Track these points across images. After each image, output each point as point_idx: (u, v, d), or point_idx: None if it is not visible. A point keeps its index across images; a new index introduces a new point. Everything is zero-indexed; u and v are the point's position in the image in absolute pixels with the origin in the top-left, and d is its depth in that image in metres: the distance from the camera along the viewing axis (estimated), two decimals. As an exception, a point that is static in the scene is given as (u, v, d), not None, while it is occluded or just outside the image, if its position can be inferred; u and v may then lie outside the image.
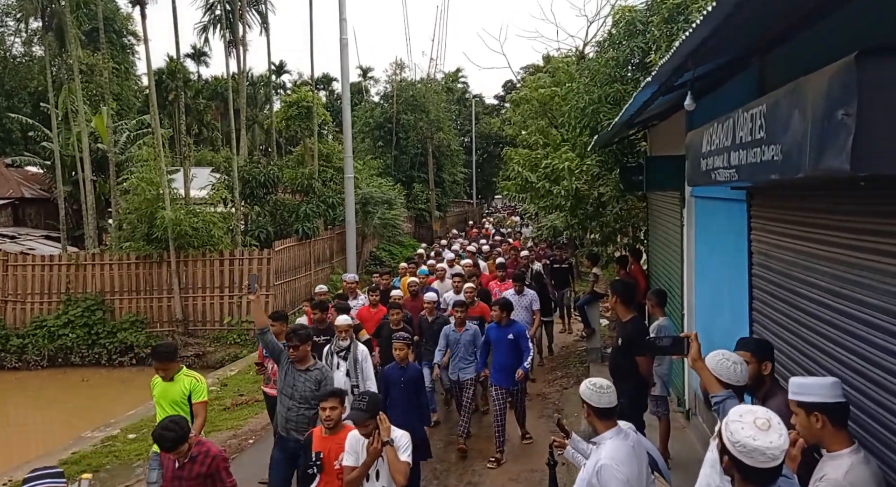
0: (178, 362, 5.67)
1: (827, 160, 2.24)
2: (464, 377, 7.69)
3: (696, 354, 3.31)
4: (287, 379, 5.64)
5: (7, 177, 21.81)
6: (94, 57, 20.15)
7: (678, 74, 4.30)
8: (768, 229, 4.28)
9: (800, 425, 2.59)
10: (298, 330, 5.68)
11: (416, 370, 6.28)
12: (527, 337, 7.26)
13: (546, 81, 15.36)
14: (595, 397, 3.42)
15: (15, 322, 15.65)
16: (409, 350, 6.33)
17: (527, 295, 9.01)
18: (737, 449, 2.19)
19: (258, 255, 16.19)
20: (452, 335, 7.76)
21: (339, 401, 4.62)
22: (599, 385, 3.50)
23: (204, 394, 5.55)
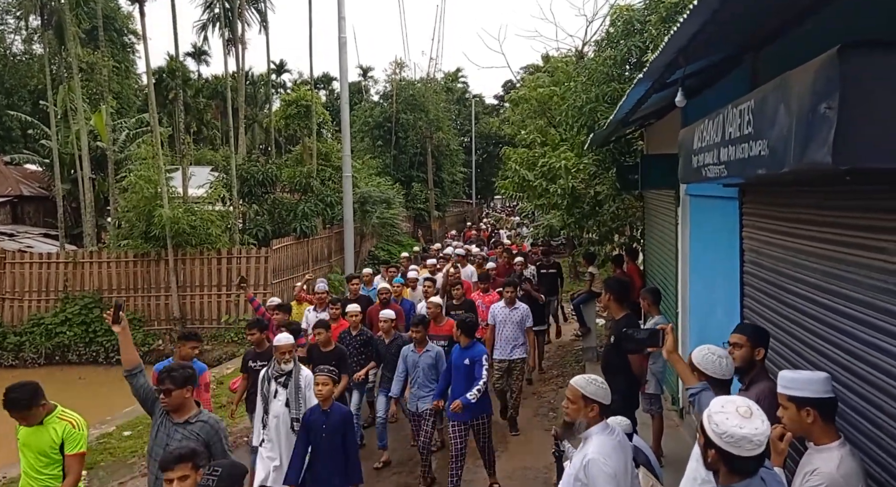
0: (42, 406, 4.27)
1: (810, 154, 2.24)
2: (422, 406, 6.61)
3: (671, 346, 3.33)
4: (159, 436, 4.07)
5: (6, 175, 21.83)
6: (94, 55, 20.15)
7: (671, 71, 4.30)
8: (759, 226, 4.29)
9: (788, 418, 2.61)
10: (174, 370, 4.09)
11: (343, 413, 5.16)
12: (483, 364, 6.17)
13: (545, 81, 15.40)
14: (600, 392, 3.41)
15: (12, 319, 15.65)
16: (335, 386, 5.22)
17: (518, 308, 7.89)
18: (724, 441, 2.20)
19: (256, 254, 16.19)
20: (411, 357, 6.71)
21: (193, 467, 3.34)
22: (599, 380, 3.50)
23: (81, 445, 4.30)
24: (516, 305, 7.94)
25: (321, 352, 6.83)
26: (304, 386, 5.64)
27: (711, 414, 2.27)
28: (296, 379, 5.67)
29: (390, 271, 10.77)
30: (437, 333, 7.44)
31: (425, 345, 6.70)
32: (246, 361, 6.95)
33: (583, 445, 3.48)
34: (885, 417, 2.62)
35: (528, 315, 7.96)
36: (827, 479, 2.43)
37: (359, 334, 7.56)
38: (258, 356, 6.71)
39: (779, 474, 2.62)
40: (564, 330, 13.20)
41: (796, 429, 2.61)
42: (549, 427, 8.19)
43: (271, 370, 5.75)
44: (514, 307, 7.92)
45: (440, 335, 7.42)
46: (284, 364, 5.68)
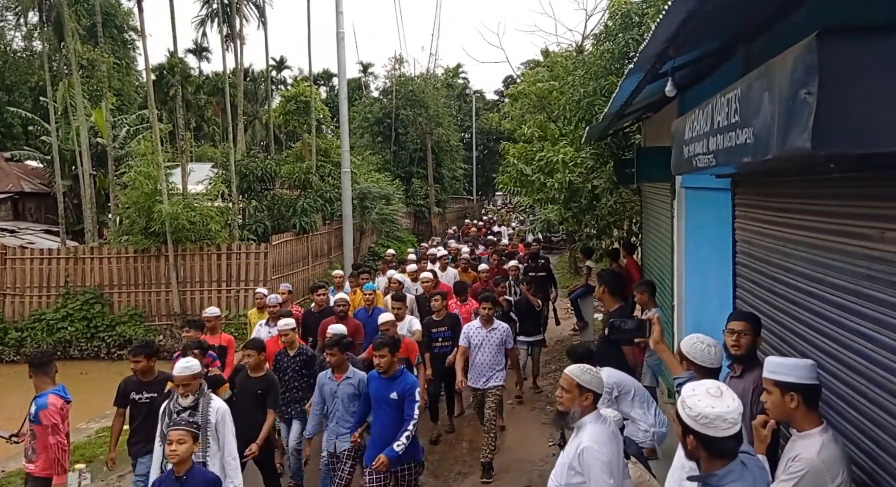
0: None
1: (791, 140, 2.25)
2: (341, 446, 5.54)
3: (657, 337, 3.36)
4: None
5: (7, 172, 21.90)
6: (93, 52, 20.18)
7: (662, 61, 4.31)
8: (750, 217, 4.31)
9: (772, 403, 2.63)
10: None
11: (207, 482, 4.11)
12: (415, 399, 5.11)
13: (544, 76, 15.37)
14: (595, 382, 3.44)
15: (14, 315, 15.71)
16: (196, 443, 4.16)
17: (497, 329, 6.77)
18: (699, 423, 2.23)
19: (255, 250, 16.23)
20: (328, 386, 5.58)
21: None
22: (595, 372, 3.52)
23: None
24: (494, 325, 6.74)
25: (247, 378, 5.84)
26: (216, 421, 4.73)
27: (685, 399, 2.30)
28: (203, 412, 4.70)
29: (362, 278, 9.37)
30: None
31: (345, 371, 5.56)
32: (125, 392, 5.76)
33: (576, 434, 3.50)
34: (868, 404, 2.64)
35: (509, 335, 6.91)
36: (808, 465, 2.45)
37: (297, 354, 6.48)
38: (144, 386, 5.64)
39: (762, 460, 2.64)
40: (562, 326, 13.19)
41: (779, 415, 2.63)
42: (545, 421, 8.23)
43: (172, 403, 4.82)
44: (493, 327, 6.72)
45: None
46: (183, 397, 4.74)
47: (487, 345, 6.80)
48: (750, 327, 3.35)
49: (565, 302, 13.48)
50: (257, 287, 14.22)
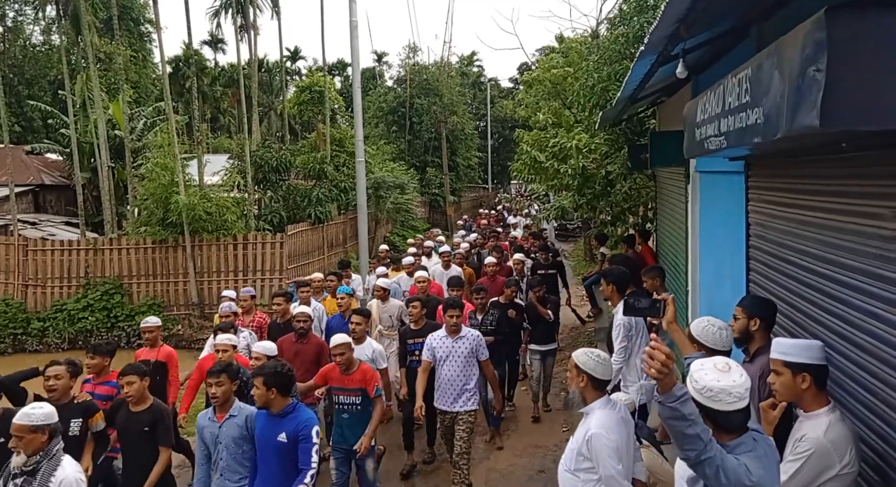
0: None
1: (800, 118, 2.23)
2: None
3: (671, 317, 3.35)
4: None
5: (27, 165, 22.21)
6: (110, 45, 20.38)
7: (673, 43, 4.26)
8: (764, 199, 4.27)
9: (782, 384, 2.62)
10: None
11: None
12: (312, 440, 4.09)
13: (559, 62, 15.25)
14: (598, 368, 3.44)
15: (36, 305, 16.02)
16: None
17: (465, 338, 5.75)
18: (704, 396, 2.23)
19: (271, 239, 16.37)
20: (208, 428, 4.41)
21: None
22: (602, 356, 3.52)
23: None
24: (462, 333, 5.78)
25: (128, 414, 4.69)
26: None
27: (693, 373, 2.30)
28: (43, 480, 3.44)
29: (328, 280, 8.47)
30: (346, 385, 5.24)
31: (228, 408, 4.35)
32: None
33: (585, 419, 3.52)
34: (879, 384, 2.62)
35: (481, 345, 5.82)
36: (814, 444, 2.45)
37: None
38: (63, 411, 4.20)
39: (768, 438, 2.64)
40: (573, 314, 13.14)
41: (789, 395, 2.62)
42: (559, 407, 8.26)
43: (14, 462, 3.55)
44: (460, 336, 5.76)
45: (350, 388, 5.23)
46: (16, 455, 3.50)
47: (455, 358, 5.75)
48: (742, 310, 3.37)
49: (580, 289, 13.45)
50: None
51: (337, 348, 5.23)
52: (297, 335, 6.29)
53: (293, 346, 6.26)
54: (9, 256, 16.14)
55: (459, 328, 5.85)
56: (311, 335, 6.40)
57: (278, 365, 4.20)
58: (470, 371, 5.80)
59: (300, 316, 6.40)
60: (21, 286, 16.08)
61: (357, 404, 5.27)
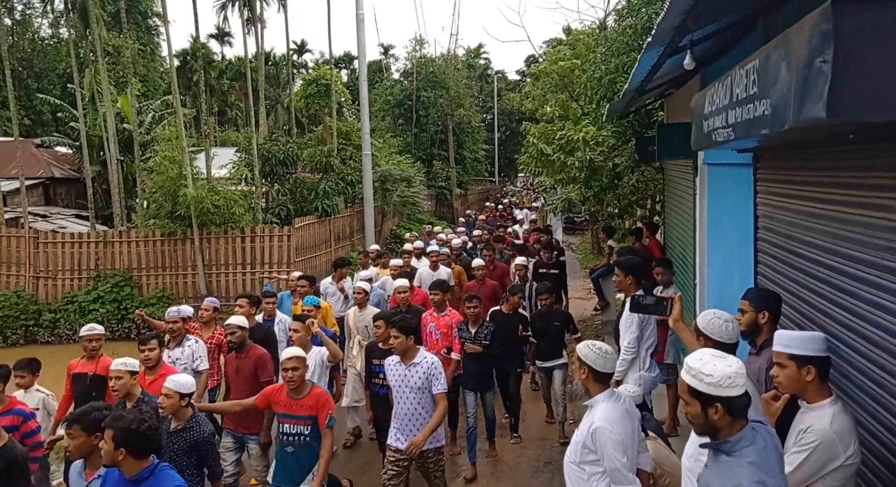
0: None
1: (807, 110, 2.23)
2: None
3: (677, 315, 3.36)
4: None
5: (38, 158, 22.33)
6: (119, 38, 20.44)
7: (681, 35, 4.25)
8: (772, 191, 4.26)
9: (786, 376, 2.63)
10: None
11: None
12: None
13: (566, 54, 15.17)
14: (599, 361, 3.45)
15: (47, 297, 16.17)
16: None
17: (419, 365, 4.82)
18: (724, 386, 2.26)
19: (279, 232, 16.44)
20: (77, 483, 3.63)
21: None
22: (604, 349, 3.53)
23: None
24: (416, 359, 4.83)
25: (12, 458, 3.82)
26: None
27: (699, 370, 2.30)
28: None
29: (298, 283, 7.70)
30: (294, 411, 4.51)
31: (100, 464, 3.44)
32: None
33: (589, 412, 3.54)
34: (885, 375, 2.62)
35: (436, 373, 4.82)
36: (820, 435, 2.46)
37: (137, 403, 4.49)
38: None
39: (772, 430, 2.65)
40: (584, 306, 13.16)
41: (793, 387, 2.63)
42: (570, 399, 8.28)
43: None
44: (413, 362, 4.83)
45: (298, 415, 4.50)
46: None
47: (407, 388, 4.83)
48: (749, 304, 3.36)
49: (587, 282, 13.45)
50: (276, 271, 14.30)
51: (288, 362, 4.43)
52: (229, 348, 5.55)
53: (233, 362, 5.50)
54: (20, 249, 16.28)
55: (414, 351, 4.86)
56: (249, 347, 5.49)
57: (138, 421, 3.21)
58: (429, 402, 4.85)
59: (227, 327, 5.51)
60: (32, 278, 16.23)
61: (305, 435, 4.50)
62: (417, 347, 4.97)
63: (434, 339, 6.54)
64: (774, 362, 2.69)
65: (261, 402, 4.74)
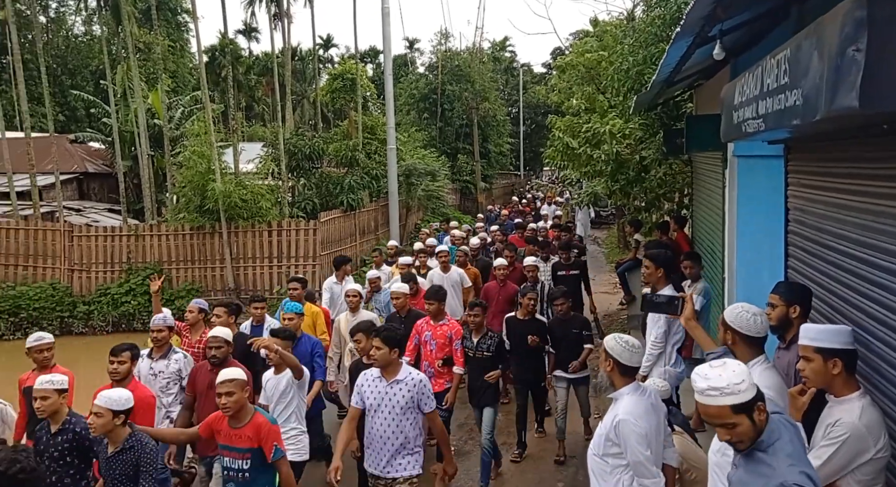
0: None
1: (839, 99, 2.19)
2: None
3: (689, 314, 3.34)
4: None
5: (72, 153, 22.85)
6: (149, 35, 20.79)
7: (711, 24, 4.18)
8: (803, 183, 4.19)
9: (812, 370, 2.61)
10: None
11: None
12: None
13: (593, 46, 15.02)
14: (626, 354, 3.45)
15: (81, 290, 16.58)
16: None
17: (404, 382, 4.28)
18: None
19: (304, 226, 16.62)
20: None
21: None
22: (631, 343, 3.52)
23: None
24: (399, 376, 4.29)
25: None
26: None
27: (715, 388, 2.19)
28: None
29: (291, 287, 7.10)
30: (232, 443, 3.97)
31: None
32: None
33: (613, 405, 3.53)
34: (920, 371, 2.57)
35: (424, 392, 4.31)
36: (850, 428, 2.44)
37: (60, 430, 4.13)
38: None
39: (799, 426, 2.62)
40: (610, 300, 13.07)
41: (820, 381, 2.61)
42: (591, 394, 8.23)
43: None
44: (395, 379, 4.28)
45: (236, 447, 3.96)
46: None
47: (387, 408, 4.29)
48: (780, 298, 3.32)
49: (613, 276, 13.35)
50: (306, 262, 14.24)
51: (222, 386, 3.89)
52: (211, 364, 5.04)
53: (208, 377, 4.95)
54: (55, 242, 16.71)
55: (398, 365, 4.34)
56: (231, 362, 4.94)
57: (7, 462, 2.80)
58: (406, 426, 4.30)
59: (213, 340, 5.08)
60: (67, 271, 16.66)
61: (244, 470, 3.93)
62: (401, 362, 4.43)
63: (429, 350, 6.05)
64: (801, 356, 2.67)
65: (203, 431, 4.16)
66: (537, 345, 6.41)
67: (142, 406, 4.56)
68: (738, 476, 2.34)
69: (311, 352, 5.80)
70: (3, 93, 23.33)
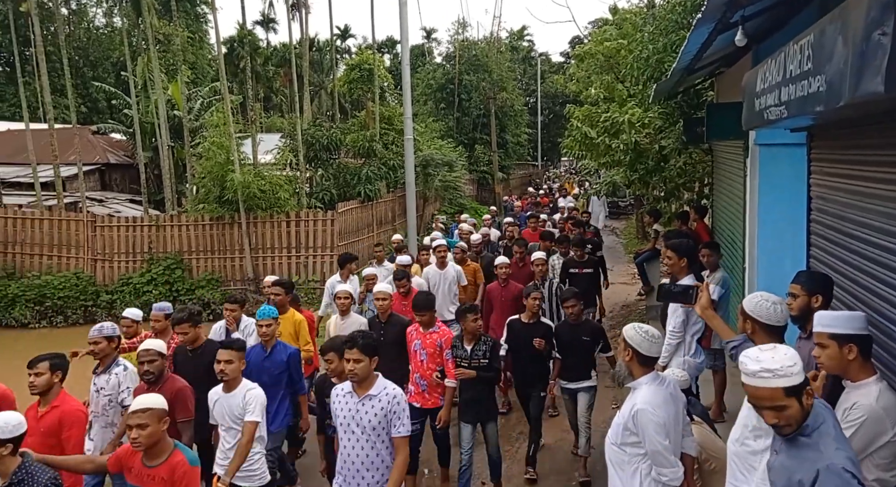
0: None
1: (864, 85, 2.15)
2: None
3: (705, 303, 3.31)
4: None
5: (94, 144, 23.16)
6: (169, 26, 20.96)
7: (733, 10, 4.12)
8: (826, 171, 4.13)
9: (828, 356, 2.61)
10: None
11: None
12: None
13: (612, 34, 14.86)
14: (644, 344, 3.44)
15: (104, 279, 16.84)
16: None
17: (377, 397, 3.81)
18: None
19: (322, 217, 16.71)
20: None
21: None
22: (650, 333, 3.51)
23: None
24: (373, 391, 3.82)
25: None
26: None
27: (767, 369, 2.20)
28: None
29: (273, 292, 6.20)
30: (145, 484, 3.42)
31: None
32: None
33: (632, 394, 3.53)
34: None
35: (399, 411, 3.79)
36: (867, 411, 2.46)
37: None
38: None
39: None
40: (629, 290, 12.98)
41: (835, 367, 2.61)
42: (609, 384, 8.21)
43: None
44: (369, 394, 3.82)
45: None
46: None
47: (356, 426, 3.82)
48: (801, 288, 3.30)
49: (631, 267, 13.27)
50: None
51: (132, 417, 3.32)
52: (146, 381, 4.54)
53: None
54: (79, 232, 16.97)
55: (369, 377, 3.81)
56: (169, 378, 4.58)
57: None
58: (385, 450, 3.81)
59: (144, 354, 4.50)
60: (90, 260, 16.93)
61: None
62: (377, 375, 3.88)
63: (419, 361, 5.48)
64: (815, 343, 2.66)
65: (112, 466, 3.62)
66: (544, 350, 5.78)
67: (68, 421, 4.25)
68: (779, 461, 2.32)
69: (286, 362, 5.18)
70: (26, 85, 23.68)
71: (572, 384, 5.92)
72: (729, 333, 3.21)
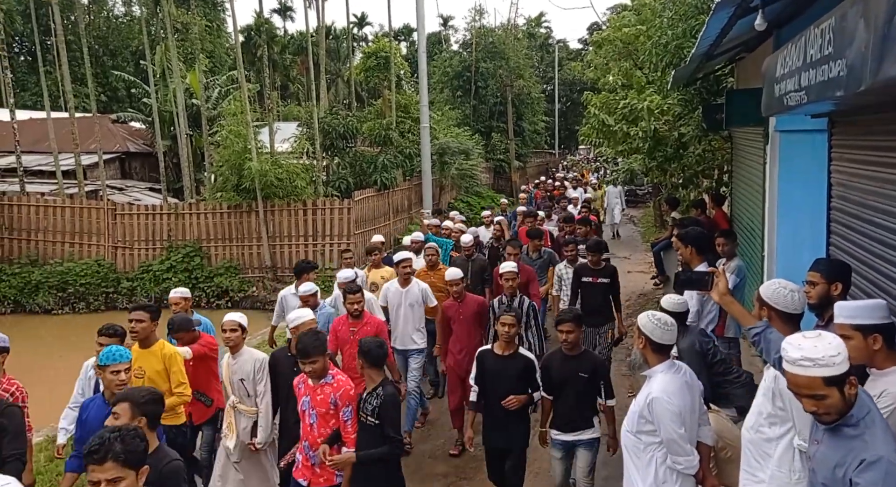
0: None
1: (885, 69, 2.12)
2: None
3: (723, 289, 3.28)
4: None
5: (114, 133, 23.38)
6: (187, 15, 21.05)
7: (753, -6, 4.06)
8: (847, 158, 4.07)
9: (853, 347, 2.57)
10: None
11: None
12: None
13: (631, 20, 14.67)
14: (657, 332, 3.43)
15: (124, 266, 17.09)
16: None
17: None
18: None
19: (339, 205, 16.78)
20: None
21: None
22: (664, 321, 3.49)
23: None
24: None
25: None
26: None
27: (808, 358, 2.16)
28: None
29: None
30: None
31: None
32: None
33: (647, 382, 3.52)
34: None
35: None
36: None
37: None
38: None
39: None
40: (645, 279, 12.89)
41: (861, 358, 2.58)
42: (625, 373, 8.20)
43: None
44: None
45: None
46: None
47: None
48: (821, 276, 3.26)
49: (648, 256, 13.17)
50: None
51: None
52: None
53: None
54: (99, 220, 17.21)
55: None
56: None
57: None
58: None
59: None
60: (111, 248, 17.18)
61: None
62: None
63: (308, 424, 4.12)
64: (839, 334, 2.62)
65: None
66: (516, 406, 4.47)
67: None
68: (821, 452, 2.29)
69: None
70: (48, 74, 23.97)
71: (569, 435, 4.47)
72: (750, 319, 3.17)
